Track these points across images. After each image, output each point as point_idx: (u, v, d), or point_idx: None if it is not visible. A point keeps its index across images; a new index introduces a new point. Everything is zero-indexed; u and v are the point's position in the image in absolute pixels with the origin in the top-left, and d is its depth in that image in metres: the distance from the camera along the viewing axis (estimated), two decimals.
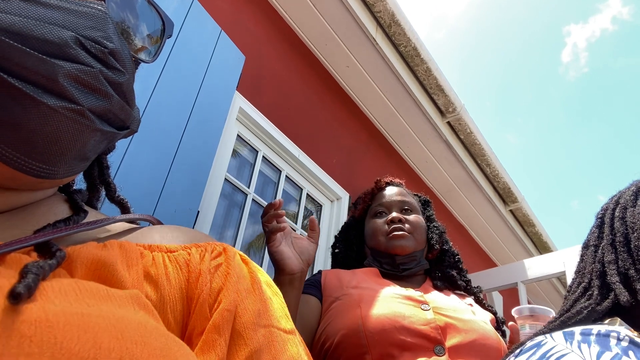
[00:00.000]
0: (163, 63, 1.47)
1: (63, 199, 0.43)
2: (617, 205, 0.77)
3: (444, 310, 0.95)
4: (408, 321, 0.90)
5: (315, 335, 0.99)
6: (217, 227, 2.03)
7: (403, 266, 1.13)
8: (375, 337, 0.88)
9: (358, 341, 0.89)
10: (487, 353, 0.90)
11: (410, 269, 1.13)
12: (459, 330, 0.91)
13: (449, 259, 1.20)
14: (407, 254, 1.13)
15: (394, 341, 0.88)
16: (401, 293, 0.99)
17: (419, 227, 1.17)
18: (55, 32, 0.33)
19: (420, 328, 0.90)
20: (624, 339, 0.57)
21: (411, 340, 0.88)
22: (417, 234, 1.16)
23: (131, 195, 0.52)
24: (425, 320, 0.91)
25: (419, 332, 0.89)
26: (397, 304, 0.95)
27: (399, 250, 1.12)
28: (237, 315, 0.35)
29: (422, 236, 1.17)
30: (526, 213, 4.04)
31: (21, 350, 0.22)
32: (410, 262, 1.13)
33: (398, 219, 1.16)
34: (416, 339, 0.88)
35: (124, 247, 0.35)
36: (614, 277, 0.69)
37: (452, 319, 0.93)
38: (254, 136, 2.27)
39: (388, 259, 1.14)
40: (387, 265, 1.14)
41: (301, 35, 2.70)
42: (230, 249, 0.41)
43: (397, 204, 1.21)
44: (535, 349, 0.61)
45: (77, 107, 0.34)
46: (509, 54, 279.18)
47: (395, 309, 0.93)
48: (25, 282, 0.25)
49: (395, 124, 3.20)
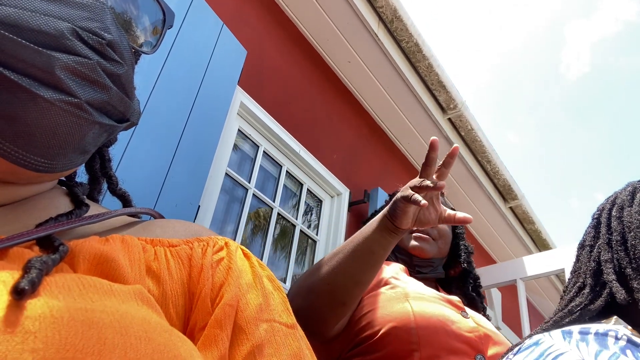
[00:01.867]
0: (164, 57, 1.47)
1: (64, 193, 0.43)
2: (614, 205, 0.77)
3: (480, 321, 0.97)
4: (456, 326, 0.91)
5: (355, 313, 0.94)
6: (217, 221, 2.03)
7: (418, 268, 1.12)
8: (426, 336, 0.88)
9: (408, 337, 0.88)
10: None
11: (425, 273, 1.13)
12: (495, 342, 0.93)
13: (471, 281, 1.20)
14: (426, 259, 1.12)
15: (443, 344, 0.88)
16: (442, 295, 1.00)
17: (445, 236, 1.17)
18: (51, 24, 0.32)
19: (466, 335, 0.91)
20: (622, 337, 0.57)
21: (458, 346, 0.89)
22: (442, 242, 1.16)
23: (132, 189, 0.52)
24: (469, 327, 0.92)
25: (465, 338, 0.90)
26: (442, 306, 0.95)
27: (419, 252, 1.12)
28: (238, 310, 0.35)
29: (446, 246, 1.17)
30: (526, 210, 4.04)
31: (26, 346, 0.22)
32: (426, 267, 1.13)
33: None
34: (462, 345, 0.89)
35: (126, 241, 0.35)
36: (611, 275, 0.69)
37: (488, 330, 0.95)
38: (255, 131, 2.27)
39: (406, 257, 1.14)
40: (402, 263, 1.13)
41: (303, 30, 2.69)
42: (232, 243, 0.41)
43: None
44: (534, 347, 0.61)
45: (74, 99, 0.33)
46: (510, 52, 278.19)
47: (443, 312, 0.93)
48: (29, 277, 0.25)
49: (396, 120, 3.19)
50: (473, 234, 4.19)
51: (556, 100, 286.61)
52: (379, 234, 0.85)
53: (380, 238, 0.85)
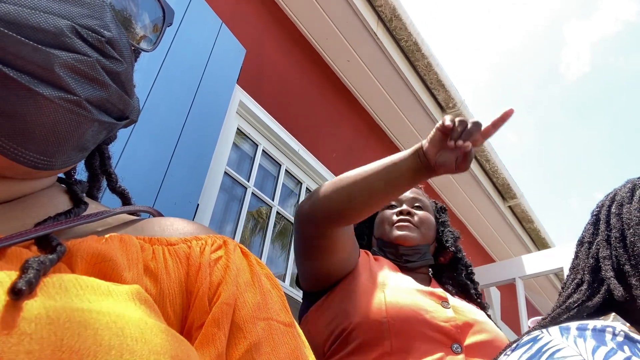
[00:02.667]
0: (163, 56, 1.47)
1: (63, 190, 0.43)
2: (613, 202, 0.77)
3: (462, 310, 0.98)
4: (430, 315, 0.92)
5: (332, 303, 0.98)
6: (216, 220, 2.03)
7: (406, 257, 1.13)
8: (397, 326, 0.89)
9: (380, 326, 0.90)
10: None
11: (414, 262, 1.13)
12: (476, 331, 0.93)
13: (462, 268, 1.20)
14: (411, 246, 1.13)
15: (415, 333, 0.89)
16: (423, 288, 1.00)
17: (427, 223, 1.17)
18: (51, 21, 0.32)
19: (441, 324, 0.91)
20: (619, 334, 0.57)
21: (431, 335, 0.89)
22: (424, 228, 1.16)
23: (131, 187, 0.52)
24: (446, 317, 0.93)
25: (439, 327, 0.91)
26: (419, 296, 0.96)
27: (402, 240, 1.12)
28: (236, 309, 0.35)
29: (429, 232, 1.17)
30: (525, 209, 4.05)
31: (21, 347, 0.22)
32: (413, 255, 1.13)
33: (407, 212, 1.16)
34: (436, 334, 0.90)
35: (125, 240, 0.35)
36: (609, 272, 0.69)
37: (470, 319, 0.95)
38: (254, 130, 2.26)
39: (392, 249, 1.14)
40: (390, 255, 1.14)
41: (302, 29, 2.69)
42: (231, 241, 0.41)
43: (409, 200, 1.21)
44: (532, 344, 0.62)
45: (73, 97, 0.33)
46: (509, 51, 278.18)
47: (418, 302, 0.94)
48: (27, 277, 0.25)
49: (395, 119, 3.20)
50: (472, 232, 4.19)
51: (555, 100, 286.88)
52: (407, 153, 0.92)
53: (407, 157, 0.92)
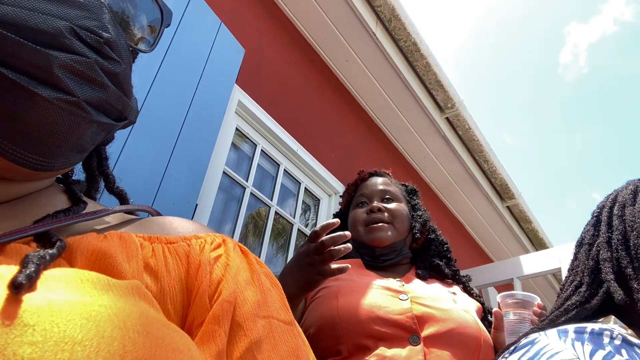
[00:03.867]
0: (162, 56, 1.47)
1: (62, 190, 0.43)
2: (615, 203, 0.76)
3: (423, 299, 0.95)
4: (383, 311, 0.90)
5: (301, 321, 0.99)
6: (215, 220, 2.03)
7: (383, 257, 1.12)
8: (350, 328, 0.88)
9: (333, 332, 0.89)
10: (464, 342, 0.89)
11: (391, 259, 1.12)
12: (436, 320, 0.90)
13: (435, 247, 1.18)
14: (386, 246, 1.12)
15: (368, 332, 0.88)
16: (380, 283, 0.99)
17: (399, 216, 1.16)
18: (49, 22, 0.33)
19: (395, 317, 0.89)
20: (617, 337, 0.57)
21: (386, 331, 0.88)
22: (398, 222, 1.15)
23: (130, 187, 0.52)
24: (401, 309, 0.91)
25: (394, 321, 0.89)
26: (374, 294, 0.95)
27: (377, 242, 1.11)
28: (236, 307, 0.35)
29: (403, 225, 1.16)
30: (523, 209, 4.05)
31: (24, 338, 0.22)
32: (390, 253, 1.13)
33: (377, 208, 1.15)
34: (391, 329, 0.88)
35: (124, 238, 0.35)
36: (609, 274, 0.68)
37: (430, 307, 0.93)
38: (252, 130, 2.26)
39: (367, 250, 1.14)
40: (367, 256, 1.14)
41: (301, 29, 2.69)
42: (230, 240, 0.41)
43: (378, 193, 1.20)
44: (529, 347, 0.62)
45: (72, 98, 0.33)
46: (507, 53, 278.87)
47: (371, 300, 0.93)
48: (27, 271, 0.25)
49: (394, 119, 3.20)
50: (470, 233, 4.20)
51: (553, 102, 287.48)
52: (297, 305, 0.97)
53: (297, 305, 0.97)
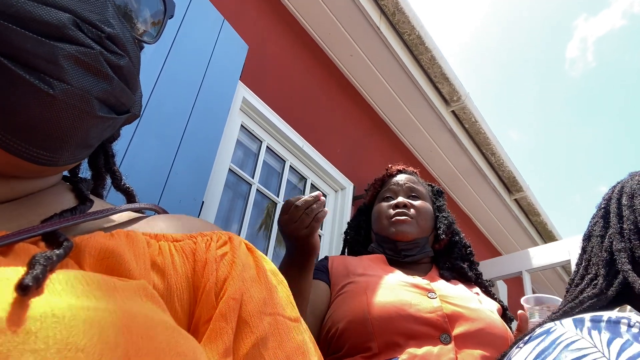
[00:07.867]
0: (166, 53, 1.47)
1: (68, 188, 0.43)
2: (622, 194, 0.75)
3: (451, 298, 0.95)
4: (414, 309, 0.90)
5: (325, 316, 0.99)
6: (221, 217, 2.04)
7: (405, 252, 1.12)
8: (381, 324, 0.88)
9: (364, 329, 0.89)
10: (493, 342, 0.90)
11: (413, 255, 1.12)
12: (466, 319, 0.91)
13: (459, 250, 1.18)
14: (409, 241, 1.12)
15: (399, 329, 0.87)
16: (408, 281, 0.99)
17: (424, 213, 1.16)
18: (54, 14, 0.32)
19: (427, 316, 0.89)
20: (635, 325, 0.56)
21: (417, 328, 0.88)
22: (422, 219, 1.14)
23: (136, 185, 0.52)
24: (431, 308, 0.91)
25: (425, 319, 0.89)
26: (404, 291, 0.94)
27: (401, 236, 1.11)
28: (242, 304, 0.35)
29: (427, 223, 1.16)
30: (531, 202, 4.03)
31: (27, 346, 0.22)
32: (413, 249, 1.12)
33: (403, 204, 1.15)
34: (422, 327, 0.88)
35: (131, 236, 0.35)
36: (626, 265, 0.68)
37: (459, 307, 0.93)
38: (257, 126, 2.26)
39: (390, 245, 1.13)
40: (389, 250, 1.13)
41: (304, 24, 2.68)
42: (236, 237, 0.41)
43: (404, 189, 1.20)
44: (545, 336, 0.61)
45: (77, 90, 0.33)
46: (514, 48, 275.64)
47: (402, 297, 0.92)
48: (34, 273, 0.25)
49: (399, 113, 3.18)
50: (478, 226, 4.18)
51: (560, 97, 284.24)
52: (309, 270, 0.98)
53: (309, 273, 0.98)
